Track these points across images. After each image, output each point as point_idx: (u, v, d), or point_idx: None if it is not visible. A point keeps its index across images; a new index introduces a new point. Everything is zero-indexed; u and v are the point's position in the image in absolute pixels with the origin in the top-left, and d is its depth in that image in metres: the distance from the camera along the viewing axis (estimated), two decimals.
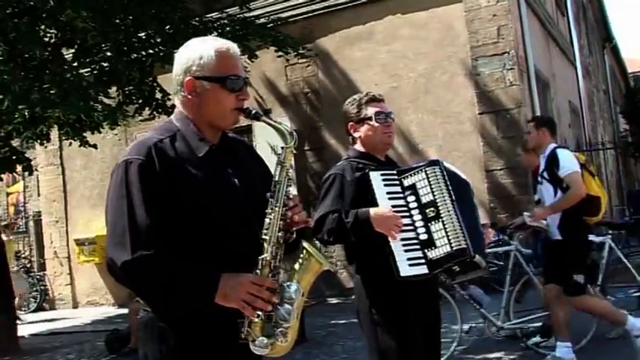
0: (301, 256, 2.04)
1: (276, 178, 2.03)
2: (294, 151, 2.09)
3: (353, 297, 3.38)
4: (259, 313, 1.91)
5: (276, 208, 2.00)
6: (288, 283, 1.98)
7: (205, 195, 1.99)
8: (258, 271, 1.95)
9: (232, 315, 1.93)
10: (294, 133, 2.12)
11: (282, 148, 2.07)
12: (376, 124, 3.19)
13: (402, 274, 2.91)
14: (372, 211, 2.95)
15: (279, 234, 1.99)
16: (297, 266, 2.02)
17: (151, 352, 2.05)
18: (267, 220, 1.99)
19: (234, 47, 2.12)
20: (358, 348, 6.84)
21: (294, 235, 2.07)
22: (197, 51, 2.07)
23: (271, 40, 9.47)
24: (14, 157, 9.18)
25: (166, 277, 1.91)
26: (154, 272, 1.91)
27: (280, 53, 9.92)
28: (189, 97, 2.08)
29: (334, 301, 10.53)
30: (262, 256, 1.96)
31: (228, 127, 2.15)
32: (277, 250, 1.98)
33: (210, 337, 1.99)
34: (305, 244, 2.05)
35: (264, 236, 1.98)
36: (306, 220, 2.09)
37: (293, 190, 2.12)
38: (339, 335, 7.84)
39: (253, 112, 2.10)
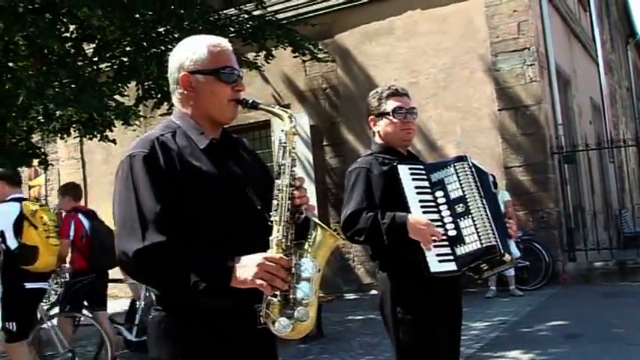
0: (313, 233, 2.03)
1: (281, 161, 2.04)
2: (296, 133, 2.11)
3: (371, 292, 3.33)
4: (277, 293, 1.90)
5: (284, 189, 2.00)
6: (304, 259, 1.97)
7: (209, 184, 2.00)
8: (270, 251, 1.94)
9: (247, 307, 1.91)
10: (294, 116, 2.15)
11: (283, 131, 2.09)
12: (395, 120, 3.12)
13: (431, 270, 2.84)
14: (410, 217, 2.86)
15: (288, 214, 1.99)
16: (309, 244, 2.01)
17: (165, 354, 2.00)
18: (274, 202, 1.99)
19: (225, 42, 2.16)
20: (375, 344, 6.83)
21: (303, 215, 2.05)
22: (189, 48, 2.12)
23: (288, 41, 9.45)
24: (30, 152, 9.26)
25: (181, 262, 1.90)
26: (167, 258, 1.90)
27: (297, 54, 9.88)
28: (186, 92, 2.11)
29: (351, 296, 10.52)
30: (273, 237, 1.95)
31: (227, 120, 2.16)
32: (288, 230, 1.97)
33: (226, 332, 1.96)
34: (316, 220, 2.05)
35: (273, 218, 1.98)
36: (307, 204, 2.07)
37: (300, 172, 2.13)
38: (356, 331, 7.82)
39: (250, 101, 2.12)
